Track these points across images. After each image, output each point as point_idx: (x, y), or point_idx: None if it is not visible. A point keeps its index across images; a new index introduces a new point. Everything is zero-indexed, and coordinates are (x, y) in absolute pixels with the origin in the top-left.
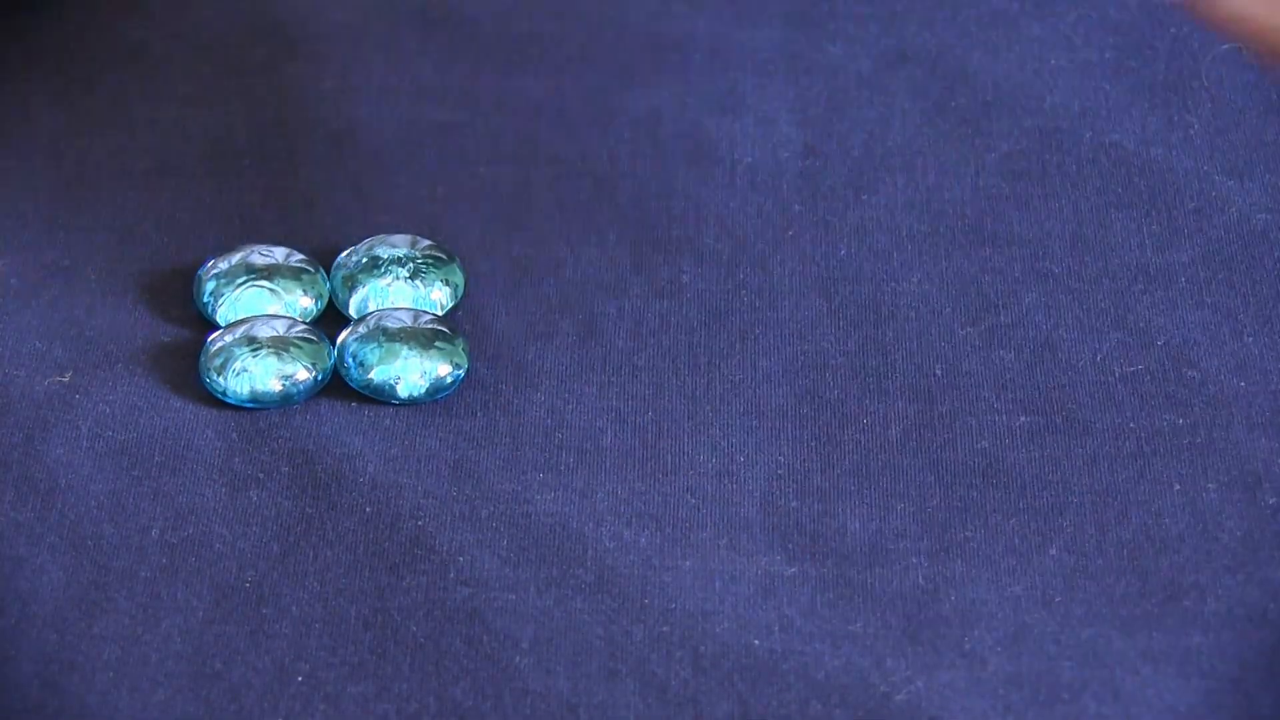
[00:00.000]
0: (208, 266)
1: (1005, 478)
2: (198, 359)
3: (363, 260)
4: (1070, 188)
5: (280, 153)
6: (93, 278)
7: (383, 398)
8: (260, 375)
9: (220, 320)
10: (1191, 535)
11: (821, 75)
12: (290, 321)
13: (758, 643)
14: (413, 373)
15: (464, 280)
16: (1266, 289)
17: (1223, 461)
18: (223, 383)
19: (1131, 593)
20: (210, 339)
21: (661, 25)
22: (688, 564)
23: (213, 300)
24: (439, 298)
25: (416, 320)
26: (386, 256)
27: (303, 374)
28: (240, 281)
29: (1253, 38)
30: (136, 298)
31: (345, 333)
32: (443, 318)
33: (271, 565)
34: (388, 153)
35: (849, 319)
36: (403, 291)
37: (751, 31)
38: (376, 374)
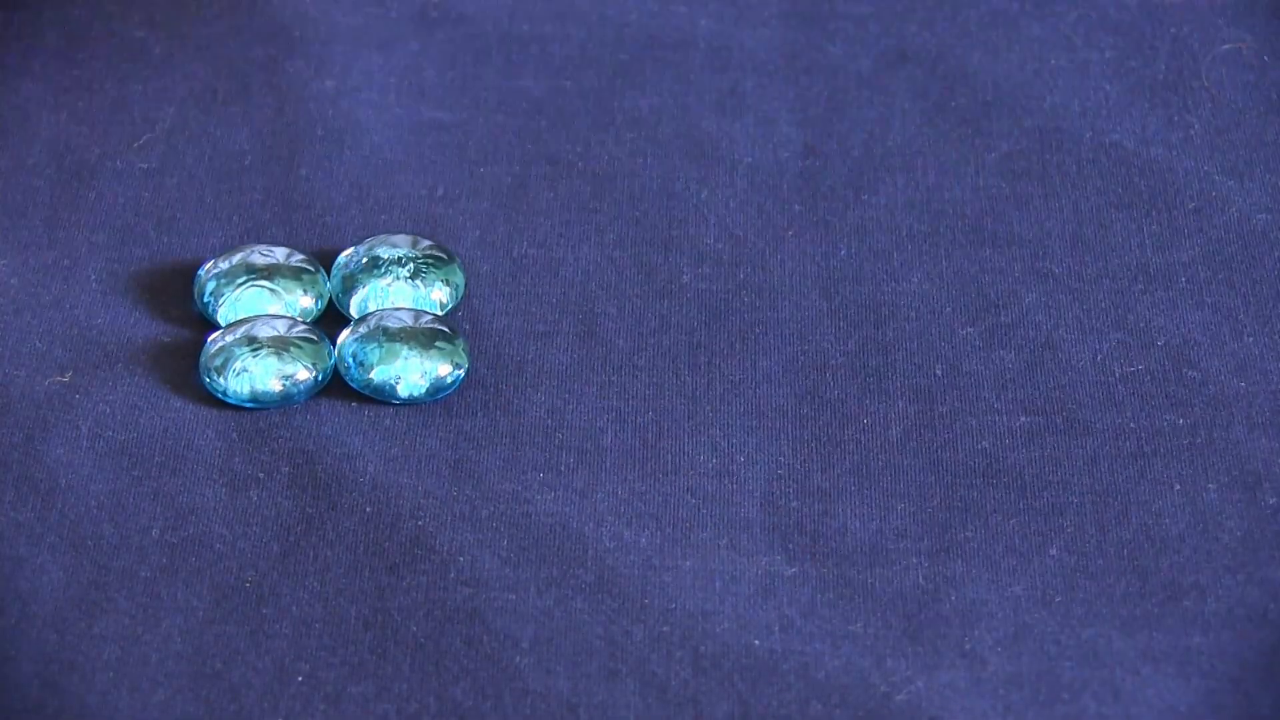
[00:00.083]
0: (208, 266)
1: (1005, 478)
2: (198, 359)
3: (363, 260)
4: (1070, 188)
5: (280, 153)
6: (93, 278)
7: (383, 398)
8: (260, 375)
9: (220, 320)
10: (1191, 535)
11: (821, 75)
12: (290, 321)
13: (758, 643)
14: (413, 373)
15: (464, 280)
16: (1266, 289)
17: (1223, 461)
18: (223, 383)
19: (1131, 593)
20: (210, 339)
21: (661, 25)
22: (688, 564)
23: (213, 300)
24: (439, 298)
25: (417, 320)
26: (386, 256)
27: (303, 374)
28: (240, 281)
29: None
30: (136, 298)
31: (346, 333)
32: (443, 318)
33: (271, 565)
34: (388, 153)
35: (849, 319)
36: (403, 291)
37: (751, 31)
38: (377, 374)
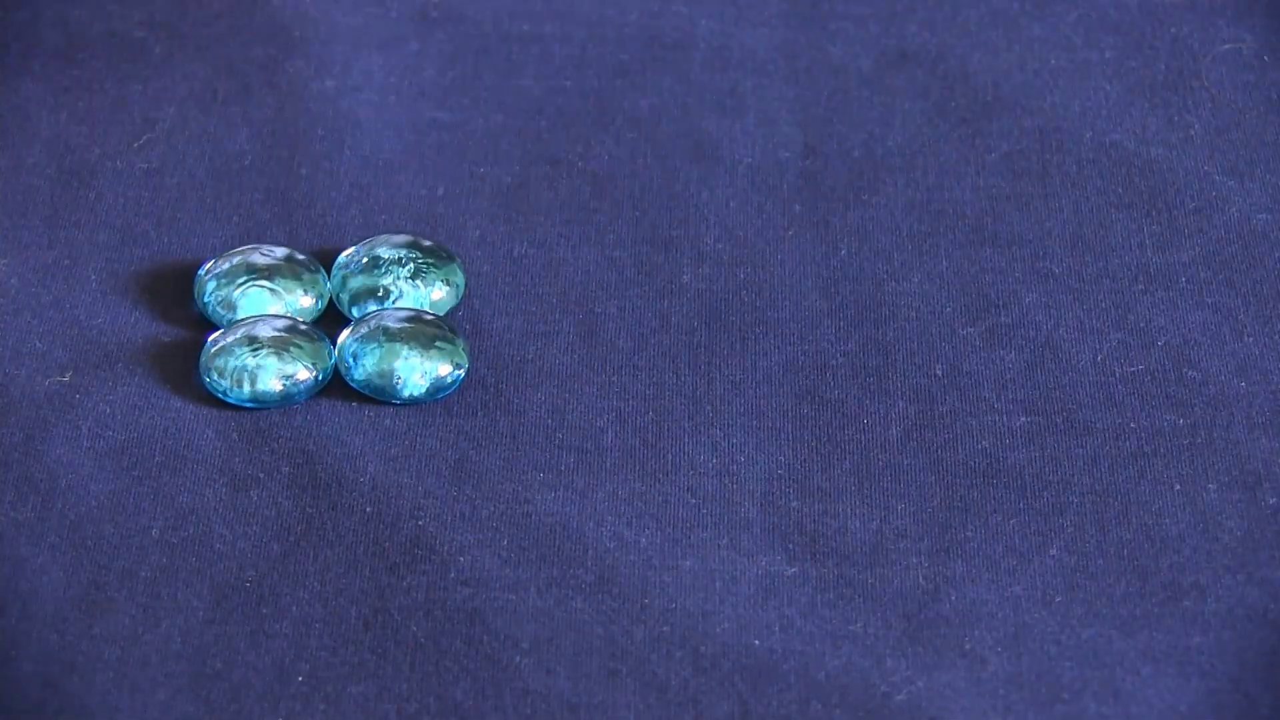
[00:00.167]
0: (208, 266)
1: (1005, 478)
2: (198, 359)
3: (363, 260)
4: (1070, 188)
5: (280, 153)
6: (93, 278)
7: (383, 398)
8: (260, 375)
9: (220, 320)
10: (1192, 535)
11: (821, 75)
12: (290, 321)
13: (758, 643)
14: (413, 373)
15: (464, 280)
16: (1266, 289)
17: (1223, 461)
18: (223, 383)
19: (1132, 593)
20: (210, 339)
21: (661, 25)
22: (688, 564)
23: (213, 300)
24: (439, 298)
25: (417, 320)
26: (386, 256)
27: (303, 374)
28: (240, 282)
29: None
30: (136, 298)
31: (346, 333)
32: (443, 318)
33: (271, 565)
34: (388, 153)
35: (849, 319)
36: (403, 291)
37: (751, 31)
38: (377, 374)
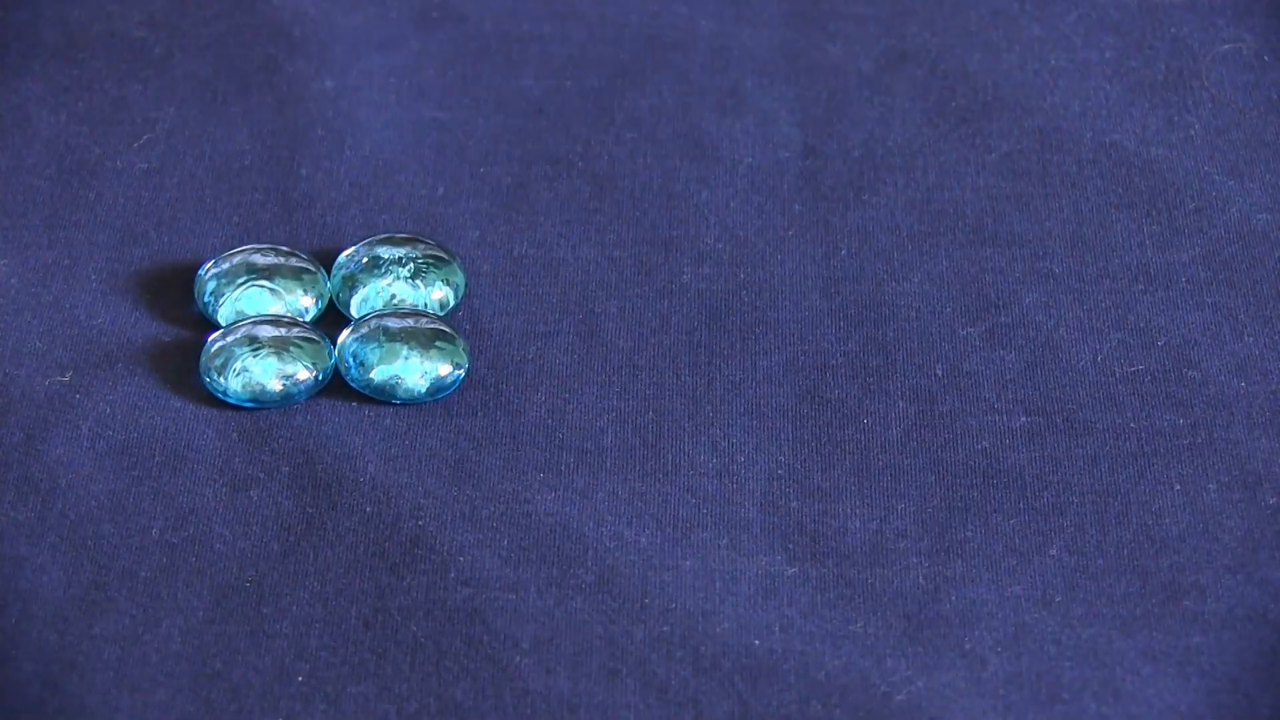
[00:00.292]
0: (208, 266)
1: (1006, 478)
2: (198, 359)
3: (363, 260)
4: (1070, 188)
5: (280, 153)
6: (93, 278)
7: (383, 398)
8: (260, 375)
9: (220, 320)
10: (1192, 535)
11: (821, 75)
12: (291, 321)
13: (758, 643)
14: (413, 373)
15: (464, 280)
16: (1266, 289)
17: (1223, 461)
18: (223, 383)
19: (1132, 593)
20: (210, 339)
21: (661, 25)
22: (688, 564)
23: (213, 300)
24: (439, 298)
25: (417, 321)
26: (387, 256)
27: (303, 374)
28: (240, 281)
29: None
30: (136, 298)
31: (346, 333)
32: (443, 318)
33: (271, 565)
34: (388, 153)
35: (849, 319)
36: (403, 291)
37: (751, 31)
38: (377, 374)
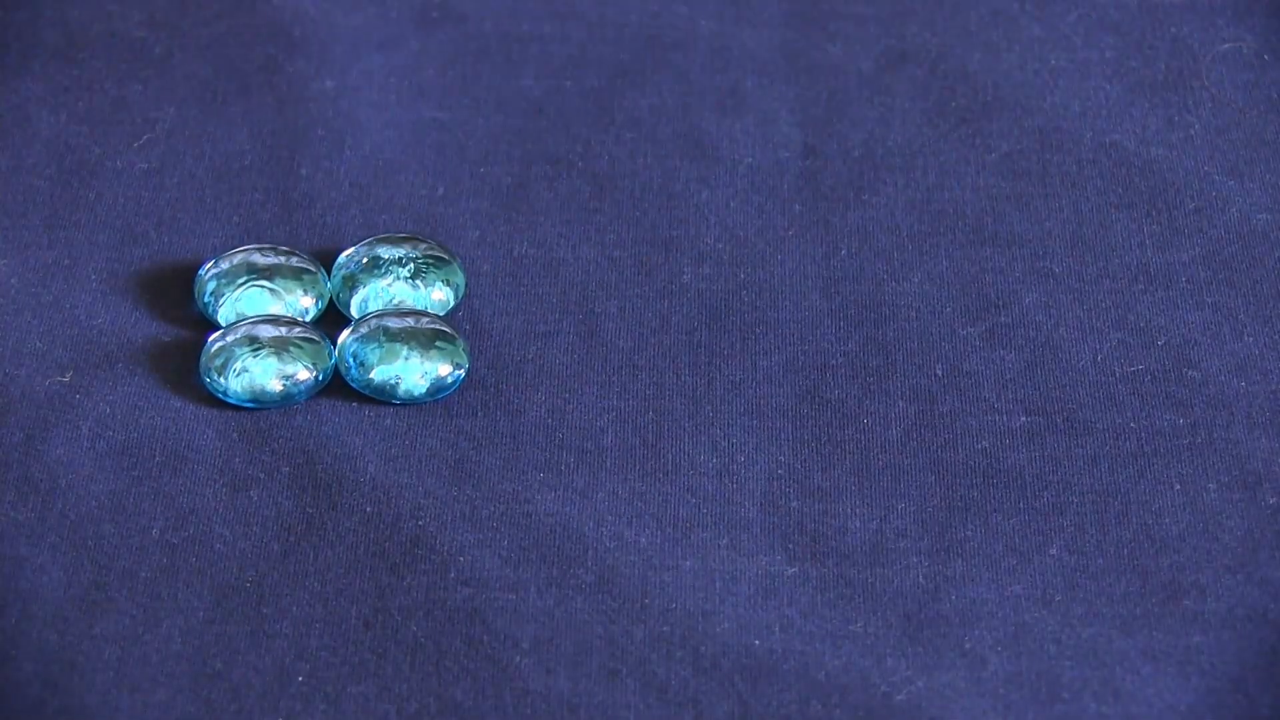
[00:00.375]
0: (208, 266)
1: (1006, 477)
2: (198, 359)
3: (363, 260)
4: (1070, 188)
5: (280, 153)
6: (93, 278)
7: (383, 398)
8: (260, 375)
9: (220, 320)
10: (1192, 535)
11: (821, 75)
12: (291, 321)
13: (758, 643)
14: (413, 373)
15: (464, 280)
16: (1266, 289)
17: (1223, 461)
18: (223, 383)
19: (1132, 592)
20: (210, 339)
21: (661, 25)
22: (688, 564)
23: (213, 300)
24: (439, 298)
25: (417, 320)
26: (387, 256)
27: (303, 374)
28: (240, 281)
29: None
30: (136, 298)
31: (346, 333)
32: (443, 318)
33: (271, 565)
34: (388, 153)
35: (849, 319)
36: (403, 291)
37: (751, 31)
38: (377, 374)
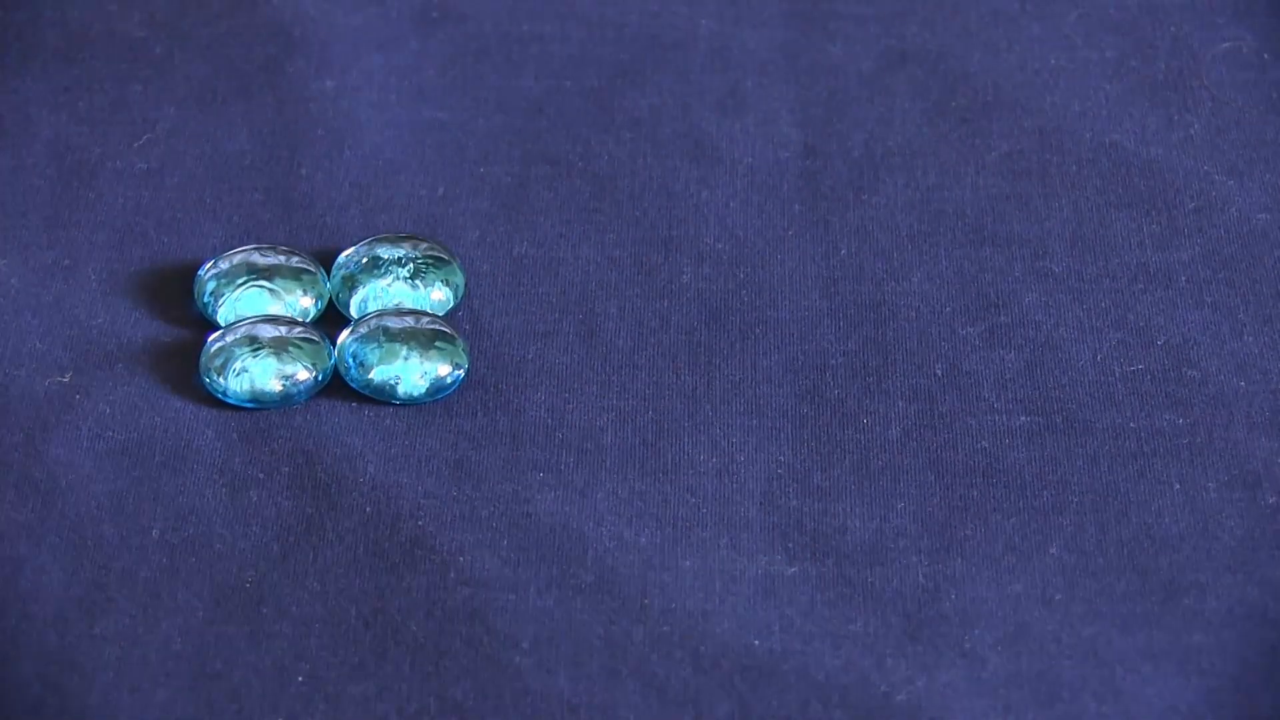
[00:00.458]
0: (208, 266)
1: (1005, 477)
2: (198, 359)
3: (363, 260)
4: (1070, 188)
5: (280, 153)
6: (93, 278)
7: (383, 398)
8: (260, 375)
9: (220, 320)
10: (1191, 534)
11: (821, 75)
12: (290, 322)
13: (758, 643)
14: (413, 373)
15: (464, 280)
16: (1266, 289)
17: (1223, 461)
18: (223, 383)
19: (1132, 591)
20: (210, 339)
21: (661, 25)
22: (688, 564)
23: (213, 300)
24: (439, 298)
25: (417, 320)
26: (386, 256)
27: (303, 374)
28: (240, 281)
29: None
30: (136, 298)
31: (346, 333)
32: (443, 318)
33: (271, 565)
34: (388, 153)
35: (849, 319)
36: (403, 292)
37: (751, 31)
38: (376, 374)
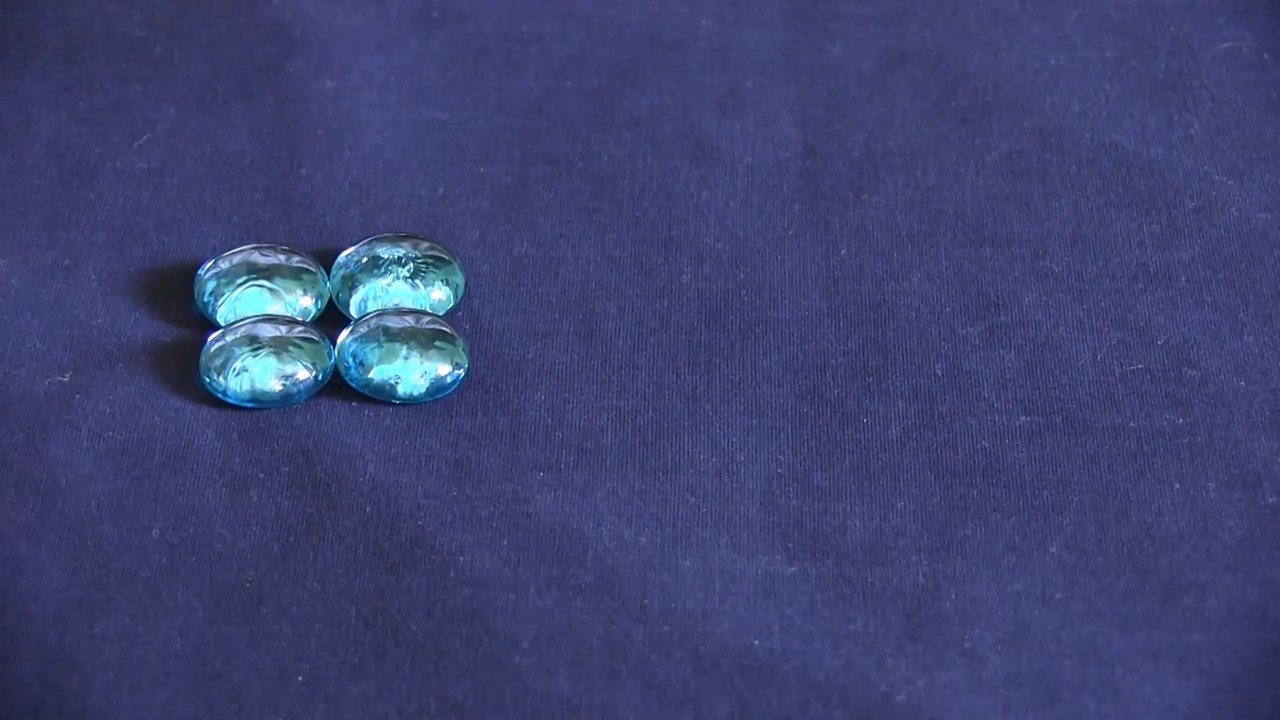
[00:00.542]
0: (208, 266)
1: (1005, 476)
2: (198, 359)
3: (363, 260)
4: (1070, 188)
5: (280, 153)
6: (93, 278)
7: (383, 398)
8: (260, 375)
9: (220, 320)
10: (1191, 534)
11: (821, 75)
12: (290, 321)
13: (758, 643)
14: (413, 373)
15: (464, 280)
16: (1266, 288)
17: (1223, 461)
18: (223, 383)
19: (1132, 591)
20: (210, 339)
21: (661, 25)
22: (688, 564)
23: (213, 300)
24: (439, 297)
25: (417, 320)
26: (386, 256)
27: (303, 374)
28: (240, 281)
29: None
30: (136, 298)
31: (346, 333)
32: (443, 318)
33: (271, 565)
34: (388, 153)
35: (849, 319)
36: (403, 291)
37: (751, 31)
38: (376, 374)
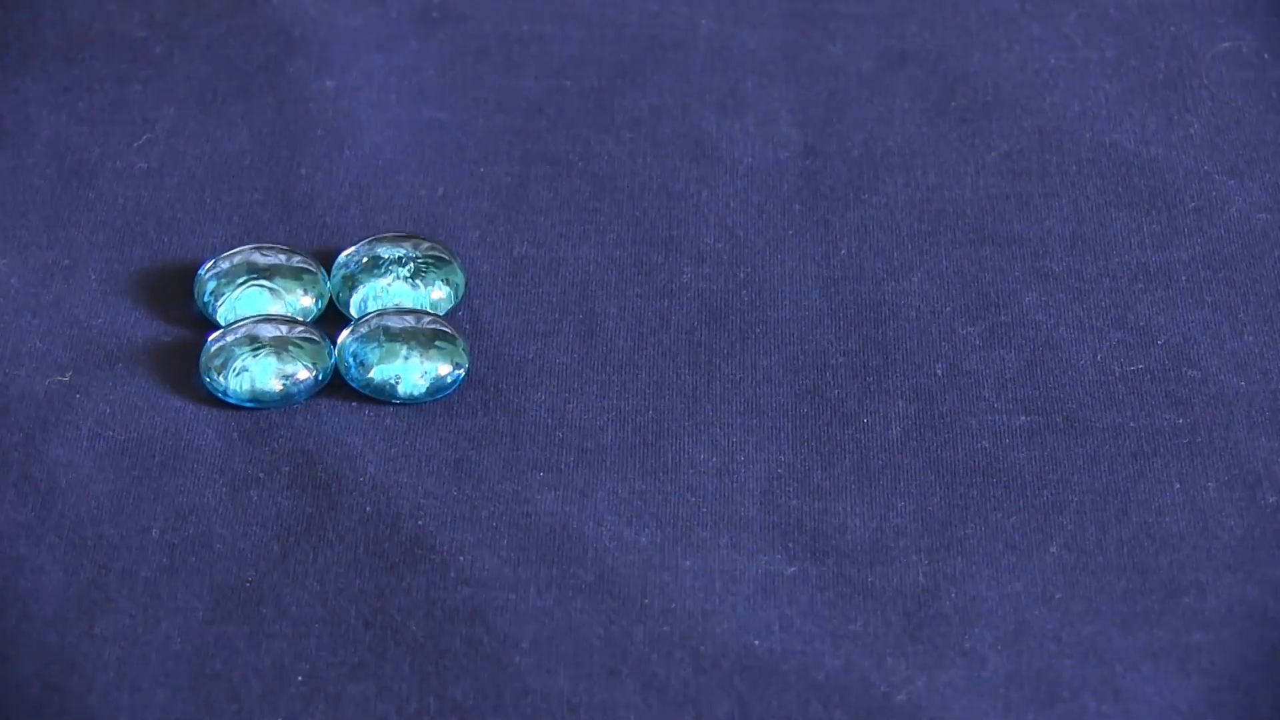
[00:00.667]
0: (208, 266)
1: (1005, 476)
2: (198, 359)
3: (363, 260)
4: (1070, 188)
5: (280, 153)
6: (93, 278)
7: (383, 398)
8: (260, 375)
9: (220, 320)
10: (1191, 533)
11: (821, 75)
12: (290, 321)
13: (758, 643)
14: (413, 372)
15: (464, 280)
16: (1266, 288)
17: (1223, 461)
18: (223, 382)
19: (1132, 590)
20: (210, 339)
21: (661, 25)
22: (688, 564)
23: (213, 300)
24: (439, 297)
25: (417, 320)
26: (387, 256)
27: (303, 374)
28: (240, 281)
29: None
30: (136, 298)
31: (346, 332)
32: (443, 317)
33: (271, 565)
34: (388, 153)
35: (849, 319)
36: (403, 291)
37: (751, 31)
38: (377, 374)
